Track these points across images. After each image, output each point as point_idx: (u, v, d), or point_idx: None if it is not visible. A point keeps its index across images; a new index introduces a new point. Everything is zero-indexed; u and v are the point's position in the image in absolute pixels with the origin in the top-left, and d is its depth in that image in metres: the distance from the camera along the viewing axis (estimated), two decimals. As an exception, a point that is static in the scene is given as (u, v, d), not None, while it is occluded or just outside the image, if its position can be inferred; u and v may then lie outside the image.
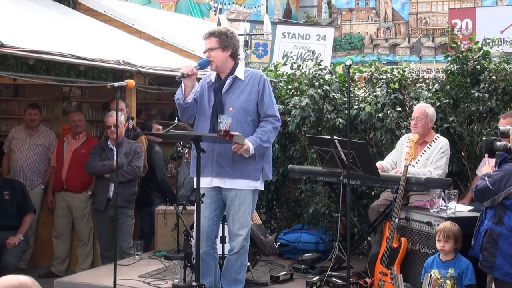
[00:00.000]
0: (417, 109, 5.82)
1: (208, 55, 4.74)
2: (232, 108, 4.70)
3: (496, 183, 4.37)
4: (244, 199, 4.75)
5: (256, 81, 4.76)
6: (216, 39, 4.72)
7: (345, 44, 16.04)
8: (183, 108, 4.76)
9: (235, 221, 4.77)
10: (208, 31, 4.81)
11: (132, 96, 7.27)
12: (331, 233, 6.56)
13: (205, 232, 4.81)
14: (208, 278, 4.90)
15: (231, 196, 4.76)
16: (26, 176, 7.18)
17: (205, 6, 17.12)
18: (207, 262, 4.87)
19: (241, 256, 4.84)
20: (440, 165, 5.67)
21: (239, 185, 4.74)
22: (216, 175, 4.71)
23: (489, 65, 6.33)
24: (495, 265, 4.38)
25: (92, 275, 5.98)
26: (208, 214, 4.81)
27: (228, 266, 4.87)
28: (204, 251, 4.81)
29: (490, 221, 4.43)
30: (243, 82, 4.76)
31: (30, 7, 7.87)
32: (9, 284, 2.14)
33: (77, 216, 7.15)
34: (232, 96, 4.74)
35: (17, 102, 8.89)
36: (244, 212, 4.77)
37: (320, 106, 6.66)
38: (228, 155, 4.69)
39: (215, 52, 4.71)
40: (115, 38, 8.30)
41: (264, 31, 8.95)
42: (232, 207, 4.76)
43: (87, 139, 7.24)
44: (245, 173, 4.73)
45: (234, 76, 4.76)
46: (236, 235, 4.78)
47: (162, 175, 7.23)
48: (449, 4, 15.10)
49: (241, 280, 4.92)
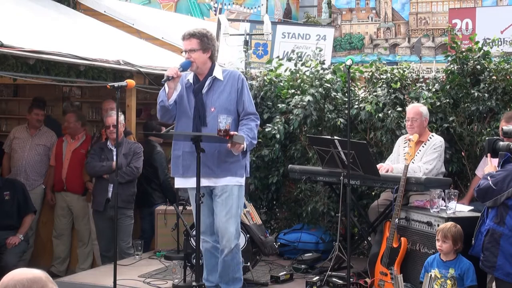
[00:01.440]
0: (411, 109, 5.82)
1: (188, 56, 4.76)
2: (214, 109, 4.74)
3: (498, 183, 4.37)
4: (231, 192, 4.78)
5: (235, 80, 4.80)
6: (197, 41, 4.74)
7: (345, 44, 16.03)
8: (165, 109, 4.77)
9: (222, 218, 4.75)
10: (188, 32, 4.81)
11: (132, 96, 7.27)
12: (331, 233, 6.56)
13: (208, 230, 4.87)
14: (215, 274, 4.94)
15: (218, 192, 4.78)
16: (28, 176, 7.18)
17: (205, 6, 17.11)
18: (215, 257, 4.91)
19: (236, 255, 4.84)
20: (429, 160, 5.66)
21: (226, 182, 4.77)
22: (204, 176, 4.68)
23: (489, 65, 6.33)
24: (496, 265, 4.38)
25: (92, 275, 5.98)
26: (207, 213, 4.84)
27: (225, 267, 4.86)
28: (212, 246, 4.88)
29: (492, 221, 4.43)
30: (222, 82, 4.80)
31: (30, 7, 7.87)
32: (23, 277, 2.13)
33: (77, 216, 7.16)
34: (212, 96, 4.77)
35: (17, 102, 8.90)
36: (232, 206, 4.77)
37: (321, 106, 6.66)
38: (214, 156, 4.71)
39: (196, 53, 4.74)
40: (115, 38, 8.30)
41: (264, 31, 8.92)
42: (219, 202, 4.77)
43: (86, 139, 7.25)
44: (232, 171, 4.77)
45: (213, 77, 4.79)
46: (226, 231, 4.73)
47: (164, 176, 7.24)
48: (449, 4, 15.10)
49: (240, 277, 4.94)
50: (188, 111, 4.78)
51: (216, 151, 4.70)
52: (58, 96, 8.54)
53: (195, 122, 4.75)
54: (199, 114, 4.72)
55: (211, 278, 4.97)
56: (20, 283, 2.12)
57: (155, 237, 6.77)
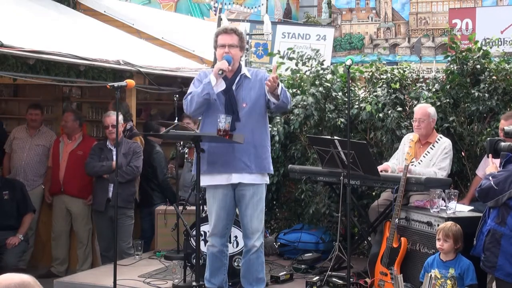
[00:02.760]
0: (419, 110, 5.81)
1: (227, 50, 4.71)
2: (246, 104, 4.74)
3: (500, 183, 4.36)
4: (261, 196, 4.82)
5: (263, 78, 4.81)
6: (237, 38, 4.77)
7: (345, 44, 16.02)
8: (205, 103, 4.69)
9: (253, 219, 4.77)
10: (230, 27, 4.86)
11: (132, 96, 7.27)
12: (331, 233, 6.55)
13: (220, 232, 4.83)
14: (219, 276, 4.92)
15: (249, 194, 4.76)
16: (27, 176, 7.17)
17: (205, 6, 17.11)
18: (221, 261, 4.90)
19: (261, 254, 4.86)
20: (444, 166, 5.65)
21: (257, 180, 4.78)
22: (237, 171, 4.70)
23: (489, 65, 6.32)
24: (497, 265, 4.37)
25: (92, 275, 5.97)
26: (224, 215, 4.81)
27: (249, 266, 4.85)
28: (218, 250, 4.85)
29: (493, 221, 4.42)
30: (250, 80, 4.81)
31: (30, 7, 7.87)
32: (11, 282, 2.11)
33: (76, 217, 7.14)
34: (243, 92, 4.77)
35: (17, 102, 8.91)
36: (262, 209, 4.83)
37: (322, 106, 6.66)
38: (250, 151, 4.72)
39: (235, 49, 4.75)
40: (115, 38, 8.30)
41: (264, 31, 8.93)
42: (251, 205, 4.77)
43: (83, 139, 7.19)
44: (263, 166, 4.78)
45: (243, 74, 4.80)
46: (255, 232, 4.78)
47: (163, 176, 7.24)
48: (449, 4, 15.09)
49: (263, 277, 4.94)
50: (218, 107, 4.73)
51: (250, 146, 4.71)
52: (58, 96, 8.54)
53: None
54: (232, 109, 4.71)
55: (214, 281, 4.93)
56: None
57: (155, 237, 6.77)
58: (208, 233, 4.98)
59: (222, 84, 4.70)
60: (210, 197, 4.85)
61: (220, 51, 4.74)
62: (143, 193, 7.10)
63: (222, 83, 4.70)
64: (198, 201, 4.52)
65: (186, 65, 8.08)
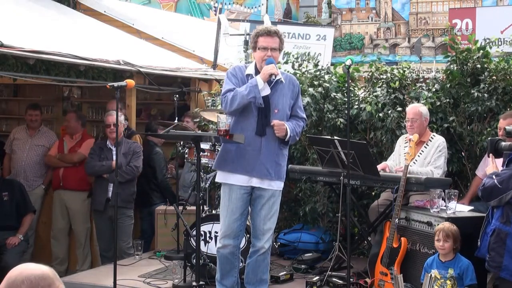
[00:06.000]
0: (410, 110, 5.81)
1: (270, 54, 4.64)
2: (278, 111, 4.70)
3: (504, 182, 4.32)
4: (277, 199, 4.83)
5: (294, 86, 4.81)
6: (279, 41, 4.70)
7: (345, 44, 16.01)
8: (245, 105, 4.61)
9: (266, 220, 4.77)
10: (272, 28, 4.75)
11: (132, 96, 7.27)
12: (331, 233, 6.55)
13: (233, 234, 4.78)
14: (230, 278, 4.86)
15: (267, 195, 4.76)
16: (27, 176, 7.18)
17: (205, 6, 17.10)
18: (232, 263, 4.84)
19: (267, 256, 4.85)
20: (439, 165, 5.66)
21: (275, 186, 4.79)
22: (259, 176, 4.69)
23: (489, 65, 6.32)
24: (502, 265, 4.30)
25: (92, 275, 5.98)
26: (238, 216, 4.77)
27: (254, 267, 4.83)
28: (230, 252, 4.79)
29: (498, 221, 4.36)
30: (284, 85, 4.74)
31: (30, 7, 7.87)
32: (31, 273, 2.10)
33: (74, 215, 7.14)
34: (277, 98, 4.71)
35: (17, 102, 8.90)
36: (276, 211, 4.84)
37: (321, 106, 6.66)
38: (273, 158, 4.71)
39: (276, 53, 4.71)
40: (115, 38, 8.29)
41: (264, 31, 8.92)
42: (266, 206, 4.77)
43: (82, 138, 7.25)
44: (281, 174, 4.79)
45: (279, 79, 4.69)
46: (266, 233, 4.77)
47: (162, 176, 7.25)
48: (449, 4, 15.08)
49: (267, 279, 4.93)
50: (252, 109, 4.66)
51: (274, 153, 4.71)
52: (58, 96, 8.54)
53: (260, 121, 4.66)
54: (265, 113, 4.65)
55: (225, 282, 4.87)
56: (28, 279, 2.09)
57: (155, 237, 6.77)
58: (219, 234, 4.89)
59: (267, 89, 4.64)
60: (226, 196, 4.78)
61: (261, 54, 4.66)
62: (143, 193, 7.09)
63: (267, 88, 4.63)
64: (198, 201, 4.52)
65: (186, 65, 8.07)
